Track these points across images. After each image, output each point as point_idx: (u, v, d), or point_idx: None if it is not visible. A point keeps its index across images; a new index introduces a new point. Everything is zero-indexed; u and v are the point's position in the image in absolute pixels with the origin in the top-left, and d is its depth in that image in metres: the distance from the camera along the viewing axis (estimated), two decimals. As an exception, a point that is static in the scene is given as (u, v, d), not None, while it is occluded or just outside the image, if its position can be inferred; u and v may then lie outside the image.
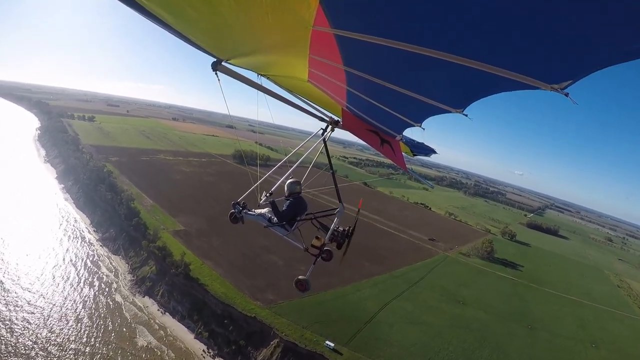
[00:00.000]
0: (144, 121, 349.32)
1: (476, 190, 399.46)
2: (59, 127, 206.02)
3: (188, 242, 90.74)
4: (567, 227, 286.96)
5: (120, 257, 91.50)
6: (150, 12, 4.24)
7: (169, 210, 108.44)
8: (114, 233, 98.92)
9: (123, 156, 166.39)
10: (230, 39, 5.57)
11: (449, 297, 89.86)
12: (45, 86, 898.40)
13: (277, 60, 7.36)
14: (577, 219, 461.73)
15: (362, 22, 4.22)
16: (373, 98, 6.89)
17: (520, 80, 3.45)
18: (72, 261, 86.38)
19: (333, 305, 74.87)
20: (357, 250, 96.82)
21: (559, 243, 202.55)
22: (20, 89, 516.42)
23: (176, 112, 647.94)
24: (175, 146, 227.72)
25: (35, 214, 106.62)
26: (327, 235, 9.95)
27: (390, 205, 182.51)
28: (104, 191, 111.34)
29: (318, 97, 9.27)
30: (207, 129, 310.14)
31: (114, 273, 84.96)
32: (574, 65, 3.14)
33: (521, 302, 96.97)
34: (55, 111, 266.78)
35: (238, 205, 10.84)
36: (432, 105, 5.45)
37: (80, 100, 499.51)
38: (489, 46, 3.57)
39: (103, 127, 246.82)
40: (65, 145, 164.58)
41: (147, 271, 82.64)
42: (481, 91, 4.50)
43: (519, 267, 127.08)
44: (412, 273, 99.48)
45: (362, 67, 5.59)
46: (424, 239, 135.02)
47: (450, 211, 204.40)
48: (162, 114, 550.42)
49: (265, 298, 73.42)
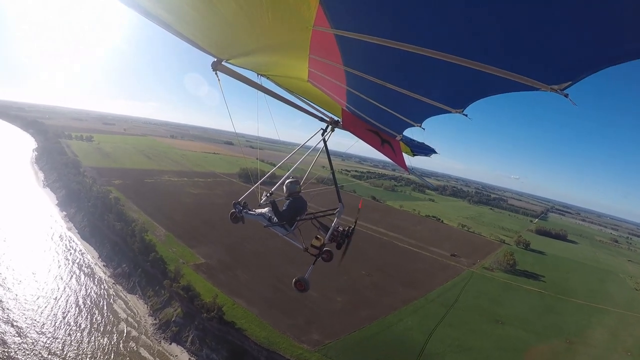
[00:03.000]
0: (142, 140, 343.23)
1: (479, 198, 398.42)
2: (56, 148, 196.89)
3: (212, 277, 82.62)
4: (573, 230, 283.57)
5: (137, 297, 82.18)
6: (151, 12, 4.36)
7: (185, 240, 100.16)
8: (127, 269, 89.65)
9: (126, 179, 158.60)
10: (230, 38, 5.67)
11: (488, 317, 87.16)
12: (37, 105, 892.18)
13: (277, 60, 7.40)
14: (579, 221, 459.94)
15: (362, 23, 4.26)
16: (373, 98, 6.91)
17: (520, 81, 3.51)
18: (84, 303, 76.79)
19: (381, 339, 70.21)
20: (388, 273, 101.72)
21: (569, 248, 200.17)
22: (13, 108, 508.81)
23: (173, 129, 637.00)
24: (179, 166, 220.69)
25: (38, 246, 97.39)
26: (327, 235, 9.74)
27: (404, 221, 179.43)
28: (112, 221, 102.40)
29: (318, 97, 9.33)
30: (206, 146, 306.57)
31: (133, 316, 75.56)
32: (574, 66, 3.14)
33: (553, 316, 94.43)
34: (52, 131, 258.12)
35: (239, 205, 11.14)
36: (431, 106, 5.51)
37: (75, 119, 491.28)
38: (488, 47, 3.61)
39: (102, 147, 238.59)
40: (65, 169, 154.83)
41: (172, 314, 73.87)
42: (481, 92, 4.55)
43: (541, 278, 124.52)
44: (446, 294, 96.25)
45: (362, 67, 5.60)
46: (446, 255, 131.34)
47: (462, 223, 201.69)
48: (159, 131, 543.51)
49: (310, 339, 66.88)
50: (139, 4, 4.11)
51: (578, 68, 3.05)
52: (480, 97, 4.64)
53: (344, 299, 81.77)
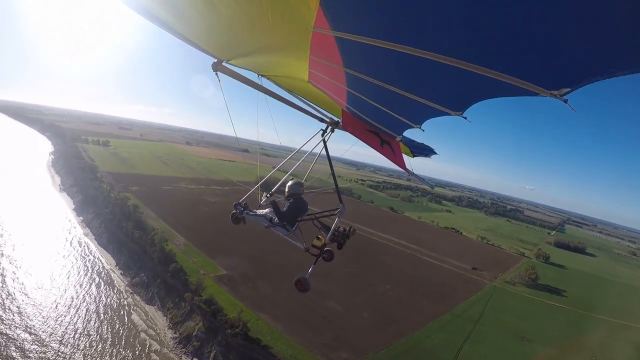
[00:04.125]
0: (158, 145, 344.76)
1: (495, 209, 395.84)
2: (73, 152, 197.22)
3: (234, 289, 79.93)
4: (590, 242, 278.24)
5: (155, 308, 79.32)
6: (152, 13, 4.35)
7: (205, 250, 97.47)
8: (145, 278, 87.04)
9: (143, 185, 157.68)
10: (231, 39, 5.64)
11: (514, 334, 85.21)
12: (55, 107, 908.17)
13: (278, 61, 7.38)
14: (596, 233, 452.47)
15: (362, 25, 4.25)
16: (373, 99, 6.91)
17: (519, 85, 3.49)
18: (104, 313, 74.21)
19: (410, 358, 68.55)
20: (411, 287, 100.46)
21: (588, 261, 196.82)
22: (32, 111, 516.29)
23: (188, 136, 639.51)
24: (195, 173, 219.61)
25: (55, 251, 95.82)
26: (328, 236, 9.65)
27: (423, 232, 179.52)
28: (130, 228, 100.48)
29: (318, 97, 9.35)
30: (221, 153, 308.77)
31: (153, 328, 72.76)
32: (574, 73, 3.16)
33: (579, 333, 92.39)
34: (69, 134, 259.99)
35: (240, 206, 10.97)
36: (431, 107, 5.54)
37: (91, 122, 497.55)
38: (487, 50, 3.58)
39: (118, 152, 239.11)
40: (81, 173, 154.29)
41: (192, 328, 70.95)
42: (480, 95, 4.55)
43: (563, 293, 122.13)
44: (471, 310, 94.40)
45: (362, 68, 5.60)
46: (467, 269, 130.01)
47: (481, 235, 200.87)
48: (175, 137, 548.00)
49: (339, 357, 64.60)
50: (139, 4, 4.01)
51: (578, 75, 3.03)
52: (480, 99, 4.58)
53: (370, 315, 80.00)
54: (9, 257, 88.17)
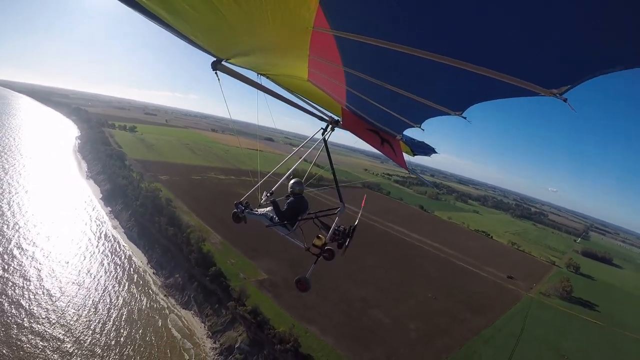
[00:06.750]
0: (184, 132, 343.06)
1: (521, 212, 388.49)
2: (100, 137, 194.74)
3: (278, 297, 74.62)
4: (616, 253, 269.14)
5: (192, 314, 73.88)
6: (150, 11, 4.32)
7: (243, 250, 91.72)
8: (180, 280, 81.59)
9: (172, 174, 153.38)
10: (230, 38, 5.53)
11: (554, 352, 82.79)
12: (80, 92, 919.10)
13: (277, 60, 7.32)
14: (619, 242, 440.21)
15: (362, 24, 4.25)
16: (372, 98, 6.84)
17: (518, 85, 3.48)
18: (138, 316, 69.50)
19: None
20: (452, 295, 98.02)
21: (616, 273, 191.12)
22: (57, 95, 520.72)
23: (213, 123, 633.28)
24: (224, 162, 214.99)
25: (85, 245, 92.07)
26: (329, 235, 9.54)
27: (454, 234, 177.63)
28: (164, 224, 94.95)
29: (318, 96, 9.21)
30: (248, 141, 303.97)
31: (191, 336, 67.48)
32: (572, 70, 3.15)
33: (614, 351, 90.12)
34: (95, 119, 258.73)
35: (241, 205, 10.81)
36: (430, 107, 5.49)
37: (117, 107, 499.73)
38: (486, 50, 3.57)
39: (145, 138, 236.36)
40: (109, 160, 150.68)
41: (235, 338, 65.54)
42: (480, 95, 4.52)
43: (595, 308, 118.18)
44: (511, 323, 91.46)
45: (361, 68, 5.57)
46: (503, 277, 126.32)
47: (511, 240, 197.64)
48: (200, 124, 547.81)
49: None
50: (137, 2, 3.98)
51: (576, 71, 3.02)
52: (480, 100, 4.55)
53: (417, 327, 77.44)
54: (43, 249, 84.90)
